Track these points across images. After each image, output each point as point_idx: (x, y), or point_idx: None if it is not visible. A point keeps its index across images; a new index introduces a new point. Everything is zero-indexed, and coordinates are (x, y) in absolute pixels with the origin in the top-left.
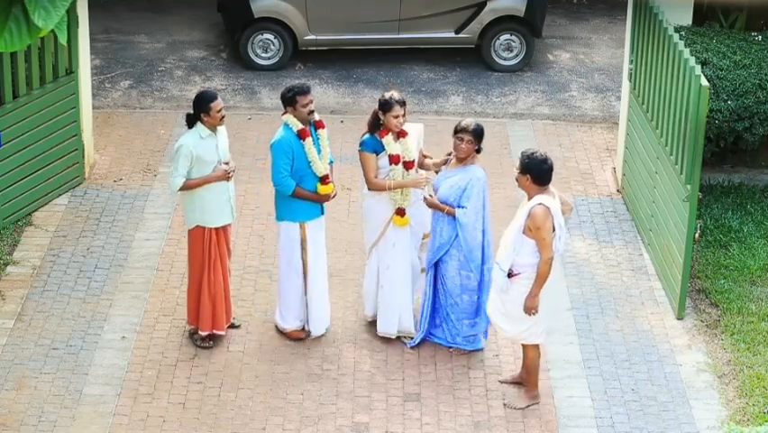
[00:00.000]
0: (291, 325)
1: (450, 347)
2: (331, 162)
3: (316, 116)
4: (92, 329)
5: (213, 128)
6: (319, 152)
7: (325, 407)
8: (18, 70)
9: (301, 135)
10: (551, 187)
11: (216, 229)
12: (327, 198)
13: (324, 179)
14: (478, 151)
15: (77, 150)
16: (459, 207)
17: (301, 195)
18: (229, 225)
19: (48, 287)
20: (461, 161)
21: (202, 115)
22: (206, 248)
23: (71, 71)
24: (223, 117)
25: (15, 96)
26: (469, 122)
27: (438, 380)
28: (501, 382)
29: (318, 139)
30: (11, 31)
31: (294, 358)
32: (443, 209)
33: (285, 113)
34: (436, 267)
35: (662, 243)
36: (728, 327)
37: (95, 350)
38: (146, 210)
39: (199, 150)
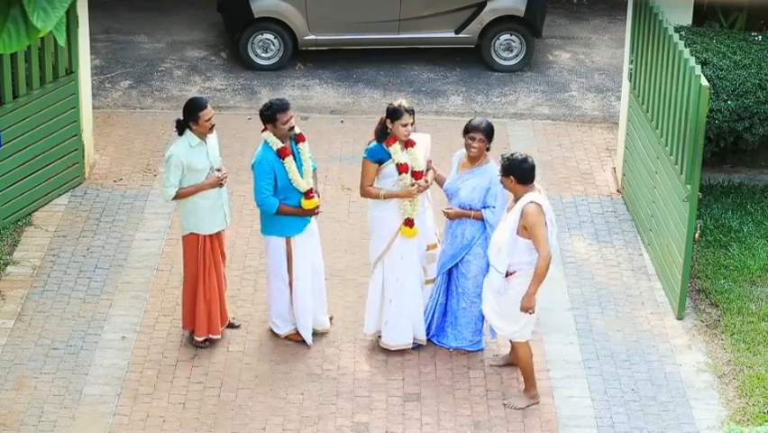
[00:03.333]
0: (285, 330)
1: (450, 348)
2: (315, 169)
3: (297, 130)
4: (92, 329)
5: (202, 136)
6: (301, 166)
7: (325, 407)
8: (18, 70)
9: (281, 154)
10: (536, 184)
11: (210, 236)
12: (312, 212)
13: (307, 194)
14: (487, 149)
15: (77, 150)
16: (485, 207)
17: (285, 211)
18: (223, 230)
19: (48, 287)
20: (474, 161)
21: (190, 123)
22: (200, 255)
23: (71, 71)
24: (212, 126)
25: (15, 96)
26: (479, 120)
27: (438, 380)
28: (492, 365)
29: (299, 153)
30: (9, 32)
31: (294, 358)
32: (470, 215)
33: (264, 129)
34: (451, 270)
35: (662, 243)
36: (728, 327)
37: (95, 350)
38: (146, 210)
39: (190, 159)
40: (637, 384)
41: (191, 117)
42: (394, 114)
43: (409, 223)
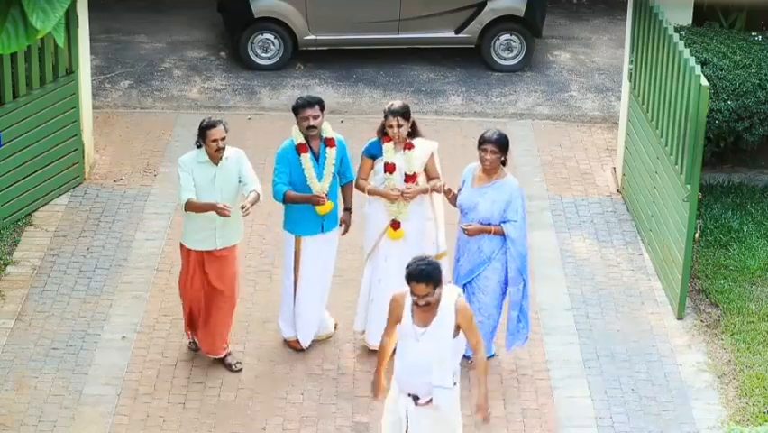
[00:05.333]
0: (287, 334)
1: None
2: (350, 180)
3: (331, 134)
4: (92, 329)
5: (212, 157)
6: (322, 169)
7: (325, 407)
8: (18, 70)
9: (298, 150)
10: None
11: (196, 252)
12: (321, 208)
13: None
14: (503, 162)
15: (77, 150)
16: (505, 222)
17: (292, 197)
18: (213, 252)
19: (48, 287)
20: (490, 174)
21: (201, 139)
22: (185, 263)
23: (71, 71)
24: (218, 150)
25: (15, 96)
26: (491, 132)
27: None
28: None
29: (325, 158)
30: (8, 32)
31: (294, 358)
32: (490, 231)
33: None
34: (465, 285)
35: (662, 243)
36: (728, 327)
37: (95, 350)
38: (146, 210)
39: (195, 171)
40: (637, 384)
41: (201, 134)
42: (383, 114)
43: (395, 225)
